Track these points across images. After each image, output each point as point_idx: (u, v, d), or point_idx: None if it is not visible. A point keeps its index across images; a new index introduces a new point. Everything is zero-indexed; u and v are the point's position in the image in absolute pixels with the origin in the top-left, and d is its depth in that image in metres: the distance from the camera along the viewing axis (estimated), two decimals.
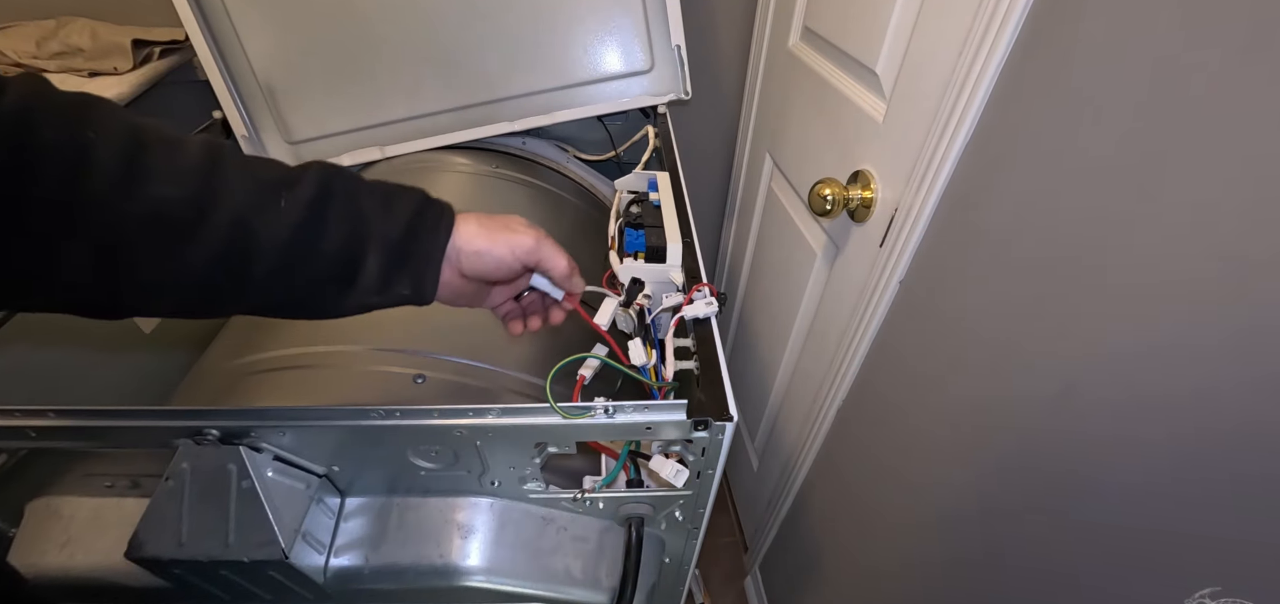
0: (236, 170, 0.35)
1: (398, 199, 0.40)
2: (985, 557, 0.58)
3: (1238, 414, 0.34)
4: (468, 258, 0.42)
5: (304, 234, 0.36)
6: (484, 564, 0.49)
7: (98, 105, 0.32)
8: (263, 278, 0.36)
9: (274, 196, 0.35)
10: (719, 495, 0.61)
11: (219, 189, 0.33)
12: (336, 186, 0.37)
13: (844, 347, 0.80)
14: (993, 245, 0.54)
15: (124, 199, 0.31)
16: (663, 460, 0.45)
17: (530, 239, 0.44)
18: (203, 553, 0.41)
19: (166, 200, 0.32)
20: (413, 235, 0.39)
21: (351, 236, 0.37)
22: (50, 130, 0.30)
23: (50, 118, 0.30)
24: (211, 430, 0.41)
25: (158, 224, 0.32)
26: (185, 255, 0.33)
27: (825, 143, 0.84)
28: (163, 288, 0.34)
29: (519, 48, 0.90)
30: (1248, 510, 0.34)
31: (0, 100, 0.29)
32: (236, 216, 0.34)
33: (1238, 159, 0.34)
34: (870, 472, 0.80)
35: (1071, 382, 0.46)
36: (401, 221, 0.39)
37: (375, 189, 0.40)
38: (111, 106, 0.33)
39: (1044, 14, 0.47)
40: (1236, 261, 0.34)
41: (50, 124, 0.30)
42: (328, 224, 0.36)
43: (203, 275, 0.34)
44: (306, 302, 0.39)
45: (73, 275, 0.32)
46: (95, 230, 0.31)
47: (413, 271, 0.40)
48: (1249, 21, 0.33)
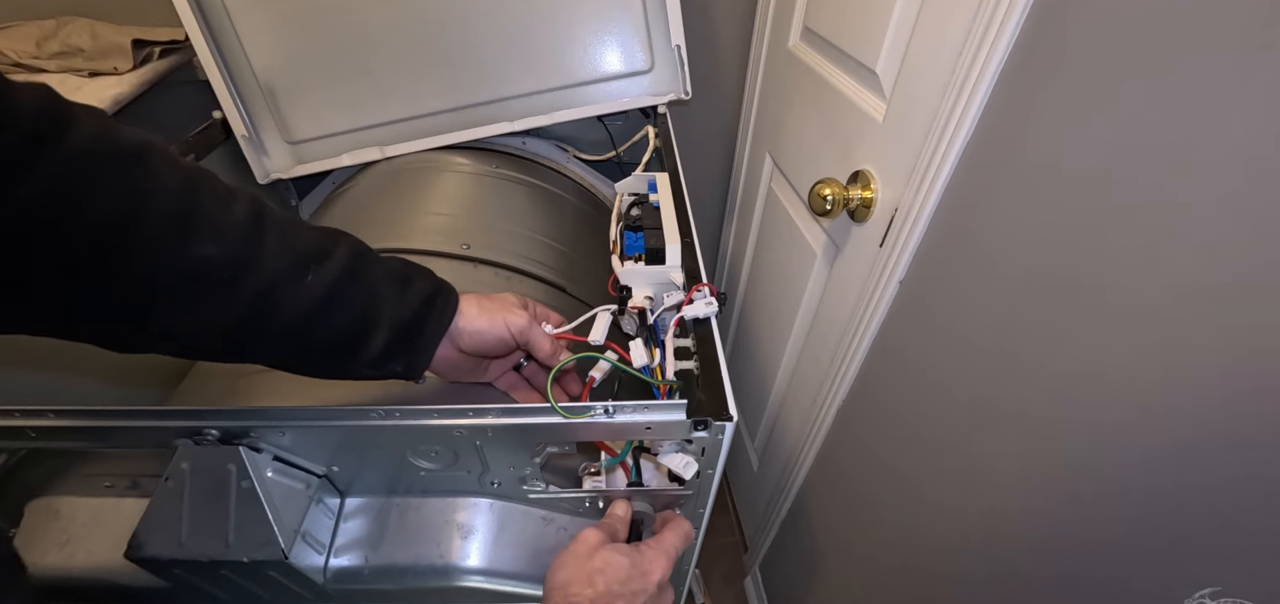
0: (275, 238, 0.37)
1: (412, 283, 0.43)
2: (985, 556, 0.58)
3: (1238, 414, 0.34)
4: (468, 337, 0.46)
5: (323, 308, 0.38)
6: (484, 564, 0.49)
7: (157, 154, 0.34)
8: (276, 338, 0.39)
9: (303, 270, 0.38)
10: (719, 495, 0.61)
11: (256, 255, 0.36)
12: (360, 267, 0.41)
13: (844, 347, 0.80)
14: (993, 245, 0.54)
15: (167, 252, 0.33)
16: (674, 453, 0.45)
17: (522, 319, 0.47)
18: (203, 553, 0.41)
19: (207, 260, 0.34)
20: (419, 321, 0.43)
21: (364, 316, 0.41)
22: (108, 176, 0.31)
23: (111, 163, 0.32)
24: (211, 430, 0.41)
25: (194, 281, 0.34)
26: (214, 311, 0.35)
27: (825, 143, 0.84)
28: (186, 336, 0.36)
29: (519, 48, 0.90)
30: (1248, 511, 0.34)
31: (66, 137, 0.31)
32: (267, 286, 0.36)
33: (1239, 160, 0.34)
34: (870, 471, 0.80)
35: (1071, 381, 0.46)
36: (412, 305, 0.43)
37: (394, 272, 0.43)
38: (168, 157, 0.35)
39: (1044, 14, 0.47)
40: (1237, 262, 0.34)
41: (110, 169, 0.32)
42: (345, 302, 0.40)
43: (225, 330, 0.37)
44: (306, 364, 0.42)
45: (105, 314, 0.34)
46: (135, 277, 0.33)
47: (411, 352, 0.44)
48: (1250, 21, 0.33)
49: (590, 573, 0.40)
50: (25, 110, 0.30)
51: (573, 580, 0.40)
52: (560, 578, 0.40)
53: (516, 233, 0.78)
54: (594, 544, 0.42)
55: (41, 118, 0.30)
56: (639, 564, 0.42)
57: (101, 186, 0.31)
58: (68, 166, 0.30)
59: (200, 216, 0.34)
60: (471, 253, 0.70)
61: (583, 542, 0.42)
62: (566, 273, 0.76)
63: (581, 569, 0.40)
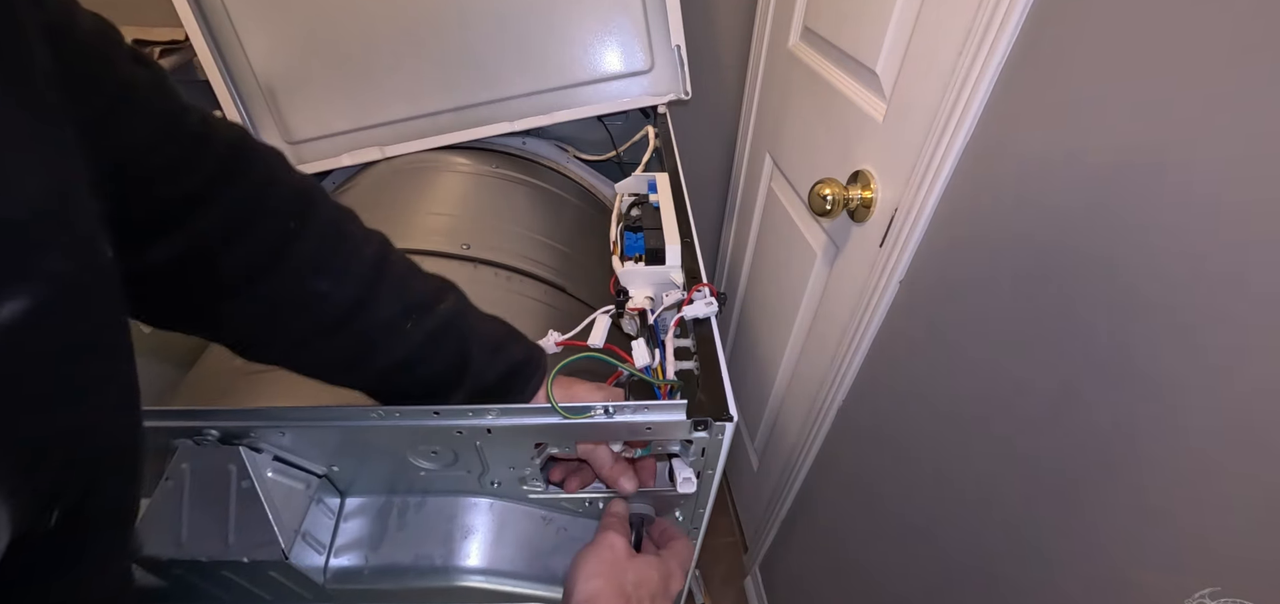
0: (389, 289, 0.40)
1: (503, 350, 0.44)
2: (985, 556, 0.58)
3: (1239, 415, 0.34)
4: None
5: (415, 358, 0.40)
6: (484, 564, 0.49)
7: (315, 200, 0.38)
8: (365, 374, 0.41)
9: (405, 320, 0.40)
10: (719, 495, 0.61)
11: (368, 304, 0.38)
12: (460, 326, 0.43)
13: (844, 346, 0.80)
14: (993, 245, 0.54)
15: (297, 285, 0.37)
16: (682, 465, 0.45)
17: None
18: (203, 553, 0.41)
19: (324, 297, 0.37)
20: (500, 389, 0.44)
21: (449, 373, 0.42)
22: (266, 225, 0.36)
23: (277, 203, 0.36)
24: (211, 430, 0.41)
25: (308, 310, 0.37)
26: (318, 344, 0.39)
27: (825, 143, 0.84)
28: (292, 350, 0.40)
29: (519, 48, 0.90)
30: (1248, 511, 0.34)
31: (249, 174, 0.36)
32: (371, 333, 0.39)
33: (1240, 160, 0.34)
34: (870, 471, 0.80)
35: (1071, 381, 0.46)
36: (497, 372, 0.44)
37: (489, 335, 0.44)
38: (324, 201, 0.39)
39: (1044, 14, 0.47)
40: (1238, 262, 0.34)
41: (267, 218, 0.36)
42: (437, 357, 0.41)
43: (326, 360, 0.40)
44: (384, 396, 0.43)
45: (242, 327, 0.38)
46: (264, 301, 0.36)
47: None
48: (1250, 21, 0.33)
49: (624, 584, 0.39)
50: (217, 154, 0.34)
51: (602, 593, 0.38)
52: (591, 588, 0.39)
53: (516, 233, 0.78)
54: (623, 552, 0.42)
55: (228, 161, 0.35)
56: (665, 576, 0.42)
57: (259, 231, 0.35)
58: (238, 210, 0.35)
59: (329, 260, 0.38)
60: (471, 253, 0.70)
61: (609, 548, 0.41)
62: (566, 273, 0.76)
63: (614, 578, 0.39)
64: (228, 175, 0.35)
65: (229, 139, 0.36)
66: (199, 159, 0.34)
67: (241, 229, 0.35)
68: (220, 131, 0.35)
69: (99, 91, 0.29)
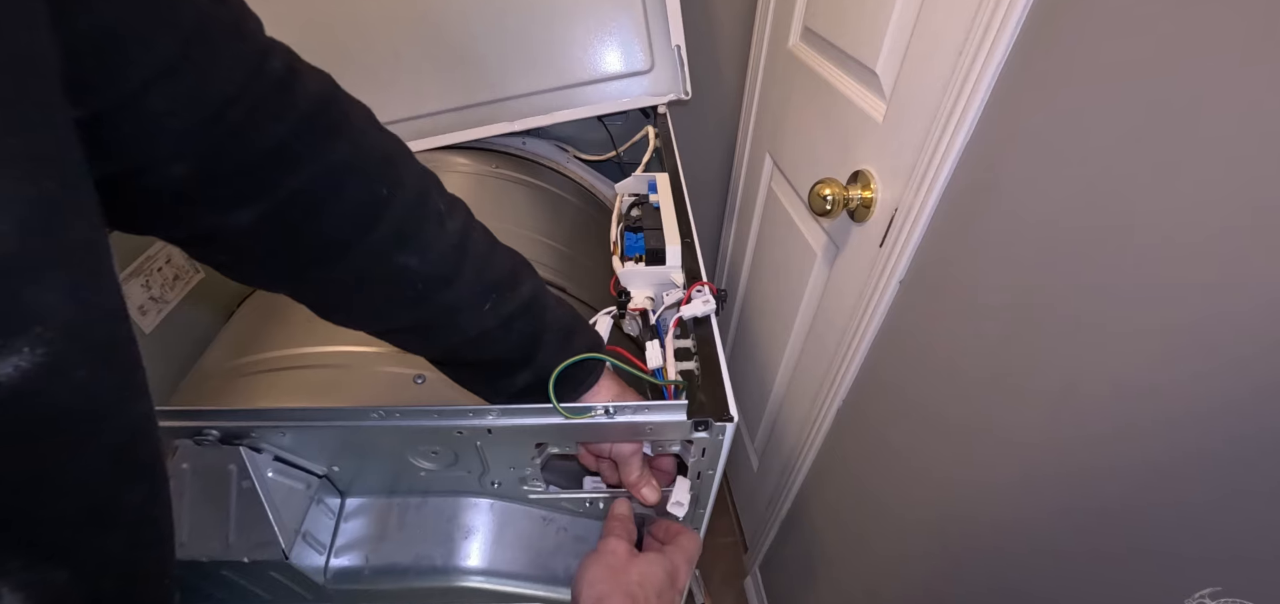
0: (472, 266, 0.39)
1: (574, 338, 0.44)
2: (986, 556, 0.58)
3: (1239, 415, 0.34)
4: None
5: (488, 337, 0.40)
6: (484, 564, 0.49)
7: (402, 164, 0.37)
8: (438, 345, 0.41)
9: (484, 299, 0.39)
10: (719, 495, 0.61)
11: (452, 280, 0.38)
12: (535, 309, 0.42)
13: (844, 346, 0.80)
14: (993, 245, 0.54)
15: (383, 258, 0.35)
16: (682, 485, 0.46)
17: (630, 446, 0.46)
18: (203, 553, 0.41)
19: (408, 270, 0.36)
20: (567, 376, 0.43)
21: (519, 354, 0.41)
22: (355, 187, 0.34)
23: (367, 168, 0.35)
24: (211, 431, 0.41)
25: (392, 283, 0.37)
26: (399, 312, 0.38)
27: (825, 143, 0.84)
28: (369, 319, 0.39)
29: (519, 48, 0.90)
30: (1248, 511, 0.34)
31: (340, 132, 0.34)
32: (450, 310, 0.38)
33: (1241, 161, 0.34)
34: (870, 471, 0.80)
35: (1072, 381, 0.46)
36: (565, 359, 0.42)
37: (561, 322, 0.43)
38: (411, 165, 0.38)
39: (1044, 14, 0.47)
40: (1239, 266, 0.34)
41: (358, 180, 0.34)
42: (510, 339, 0.41)
43: (404, 326, 0.39)
44: (451, 370, 0.44)
45: (324, 295, 0.38)
46: (351, 268, 0.35)
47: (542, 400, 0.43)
48: (1250, 21, 0.33)
49: (628, 586, 0.40)
50: (302, 110, 0.32)
51: (608, 598, 0.39)
52: (596, 594, 0.39)
53: (516, 233, 0.78)
54: (625, 555, 0.42)
55: (316, 115, 0.33)
56: (670, 572, 0.42)
57: (348, 195, 0.34)
58: (326, 174, 0.33)
59: (418, 230, 0.37)
60: None
61: (613, 553, 0.42)
62: (567, 273, 0.76)
63: (618, 582, 0.40)
64: (314, 132, 0.32)
65: (319, 92, 0.33)
66: (283, 109, 0.31)
67: (328, 196, 0.33)
68: (308, 81, 0.33)
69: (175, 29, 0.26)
